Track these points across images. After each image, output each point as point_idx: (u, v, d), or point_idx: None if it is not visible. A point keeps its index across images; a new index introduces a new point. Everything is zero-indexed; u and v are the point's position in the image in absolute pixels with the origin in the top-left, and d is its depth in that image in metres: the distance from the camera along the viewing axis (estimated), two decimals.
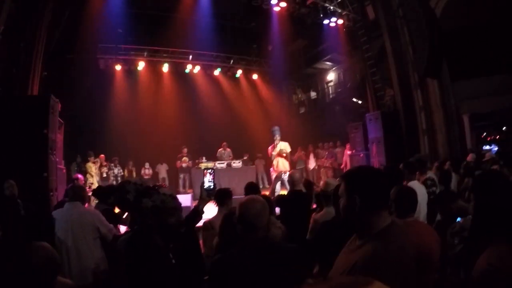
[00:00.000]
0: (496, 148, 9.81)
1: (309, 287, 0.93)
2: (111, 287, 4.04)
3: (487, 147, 10.45)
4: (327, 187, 4.03)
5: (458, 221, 3.79)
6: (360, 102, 16.58)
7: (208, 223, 4.31)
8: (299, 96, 21.33)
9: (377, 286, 0.83)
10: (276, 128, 10.30)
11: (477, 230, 2.47)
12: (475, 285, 1.94)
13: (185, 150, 15.13)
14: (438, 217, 4.52)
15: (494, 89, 10.71)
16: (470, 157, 8.05)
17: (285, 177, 8.84)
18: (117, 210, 4.63)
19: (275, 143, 9.91)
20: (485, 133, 13.30)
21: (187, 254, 2.74)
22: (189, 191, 13.67)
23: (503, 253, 1.93)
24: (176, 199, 2.62)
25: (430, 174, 5.60)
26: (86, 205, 4.92)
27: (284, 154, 11.08)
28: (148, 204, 2.42)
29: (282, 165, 11.10)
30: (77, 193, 4.42)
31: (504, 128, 13.00)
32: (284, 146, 10.76)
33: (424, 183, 5.08)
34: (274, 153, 9.97)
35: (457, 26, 10.24)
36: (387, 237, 1.65)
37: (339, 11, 13.59)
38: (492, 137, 13.05)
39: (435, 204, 4.64)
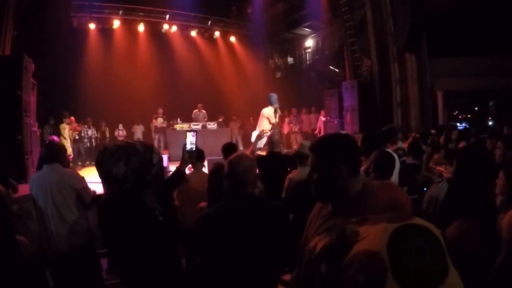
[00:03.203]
0: (464, 125, 10.19)
1: (359, 225, 1.01)
2: (98, 249, 4.06)
3: (458, 124, 10.81)
4: (301, 148, 4.19)
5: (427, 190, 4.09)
6: (337, 70, 16.67)
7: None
8: (276, 60, 21.19)
9: (418, 220, 0.96)
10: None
11: (451, 200, 2.59)
12: None
13: (161, 110, 14.90)
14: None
15: (470, 69, 10.96)
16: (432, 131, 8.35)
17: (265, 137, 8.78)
18: None
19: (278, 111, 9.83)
20: (457, 111, 13.71)
21: (169, 212, 2.77)
22: (164, 152, 13.62)
23: (469, 227, 2.13)
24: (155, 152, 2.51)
25: (401, 144, 5.82)
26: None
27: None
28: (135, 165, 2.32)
29: (266, 125, 10.93)
30: (53, 153, 4.10)
31: (476, 108, 13.43)
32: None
33: (396, 152, 5.28)
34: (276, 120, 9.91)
35: (441, 4, 10.30)
36: (362, 200, 1.64)
37: None
38: (464, 115, 13.48)
39: (401, 175, 4.90)
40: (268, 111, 9.69)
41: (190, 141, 3.21)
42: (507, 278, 1.99)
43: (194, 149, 3.21)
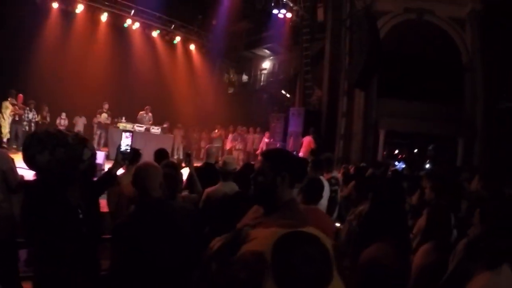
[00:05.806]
0: (403, 166, 10.96)
1: (253, 228, 1.14)
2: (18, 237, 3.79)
3: (396, 163, 11.60)
4: (225, 165, 4.31)
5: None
6: (288, 95, 17.23)
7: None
8: (231, 76, 21.47)
9: (310, 229, 1.07)
10: None
11: (369, 225, 2.96)
12: (359, 271, 2.44)
13: (106, 105, 14.46)
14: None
15: (413, 113, 11.92)
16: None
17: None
18: None
19: None
20: (397, 151, 14.68)
21: (94, 211, 2.73)
22: (103, 149, 13.19)
23: (384, 249, 2.42)
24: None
25: (335, 173, 6.24)
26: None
27: None
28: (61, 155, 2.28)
29: None
30: None
31: (415, 150, 14.47)
32: None
33: (329, 181, 5.64)
34: None
35: (393, 48, 11.17)
36: (290, 207, 1.90)
37: (291, 5, 13.99)
38: (402, 155, 14.45)
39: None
40: None
41: (125, 142, 3.19)
42: None
43: (128, 150, 3.23)
